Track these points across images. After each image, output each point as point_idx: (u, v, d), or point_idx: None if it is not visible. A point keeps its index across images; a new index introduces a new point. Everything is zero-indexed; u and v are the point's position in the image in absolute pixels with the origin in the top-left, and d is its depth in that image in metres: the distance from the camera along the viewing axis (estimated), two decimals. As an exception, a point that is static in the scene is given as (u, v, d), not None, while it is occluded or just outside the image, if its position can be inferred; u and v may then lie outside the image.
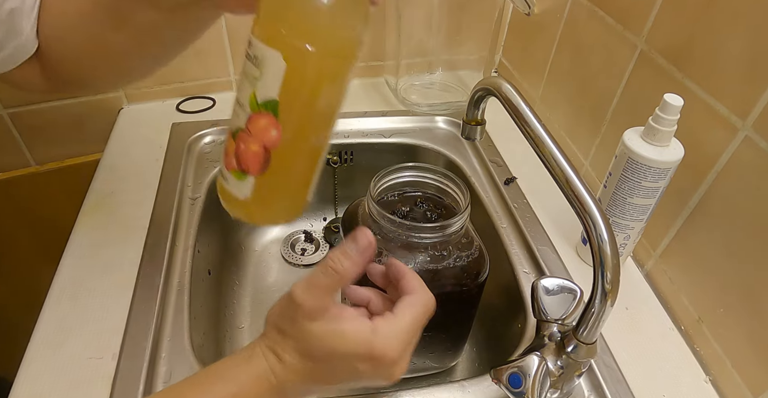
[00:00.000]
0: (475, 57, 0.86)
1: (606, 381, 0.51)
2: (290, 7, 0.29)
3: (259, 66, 0.30)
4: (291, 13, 0.29)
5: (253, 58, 0.30)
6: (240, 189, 0.34)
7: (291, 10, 0.29)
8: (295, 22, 0.29)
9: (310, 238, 0.85)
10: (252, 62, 0.30)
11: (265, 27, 0.30)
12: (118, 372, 0.48)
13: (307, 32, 0.29)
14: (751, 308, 0.48)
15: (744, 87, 0.47)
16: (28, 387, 0.47)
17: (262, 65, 0.30)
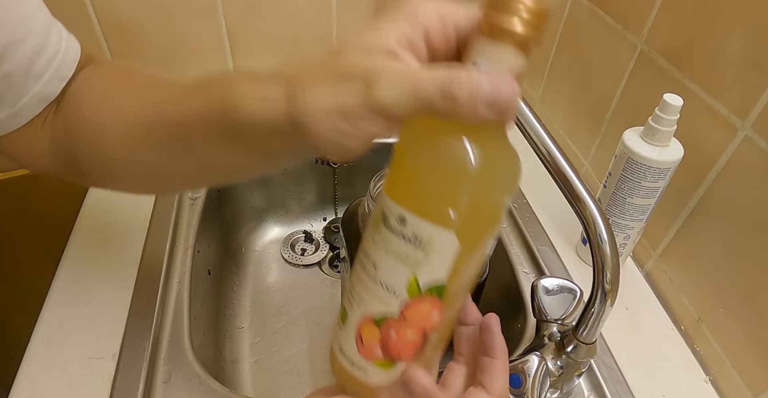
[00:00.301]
0: (475, 57, 0.86)
1: (606, 381, 0.51)
2: (461, 185, 0.25)
3: (423, 248, 0.26)
4: (463, 190, 0.25)
5: (412, 238, 0.26)
6: (383, 377, 0.29)
7: (462, 187, 0.25)
8: (470, 200, 0.25)
9: (310, 238, 0.85)
10: (410, 242, 0.26)
11: (427, 204, 0.26)
12: (118, 372, 0.48)
13: (482, 209, 0.26)
14: (751, 308, 0.48)
15: (744, 87, 0.47)
16: (28, 387, 0.47)
17: (429, 247, 0.26)
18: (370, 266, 0.28)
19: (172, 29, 0.78)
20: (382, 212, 0.27)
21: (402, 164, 0.27)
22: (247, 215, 0.83)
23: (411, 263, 0.26)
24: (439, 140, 0.25)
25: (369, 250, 0.28)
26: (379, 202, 0.28)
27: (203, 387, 0.48)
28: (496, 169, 0.26)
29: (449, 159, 0.25)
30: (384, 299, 0.28)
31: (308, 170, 0.82)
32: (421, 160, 0.26)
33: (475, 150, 0.25)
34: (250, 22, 0.81)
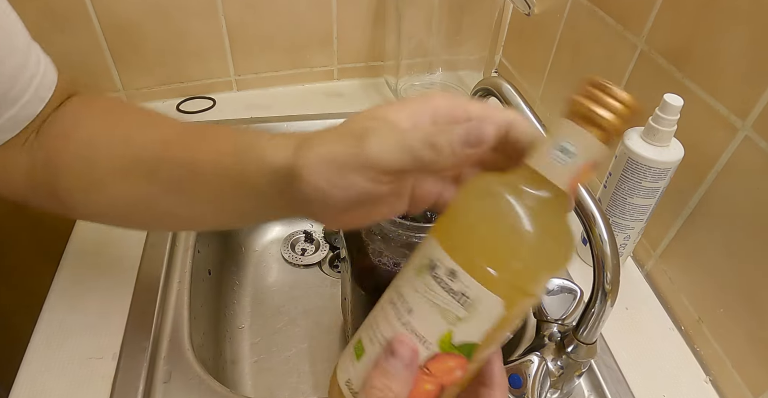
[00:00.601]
0: (475, 57, 0.86)
1: (606, 381, 0.51)
2: (522, 255, 0.25)
3: (468, 307, 0.26)
4: (522, 261, 0.25)
5: (458, 295, 0.26)
6: None
7: (522, 258, 0.25)
8: (525, 271, 0.26)
9: (310, 238, 0.85)
10: (456, 298, 0.26)
11: (483, 267, 0.25)
12: (118, 372, 0.48)
13: (532, 281, 0.26)
14: (751, 308, 0.48)
15: (744, 87, 0.47)
16: (29, 387, 0.47)
17: (473, 308, 0.26)
18: (403, 309, 0.27)
19: (172, 29, 0.78)
20: (430, 260, 0.27)
21: (464, 218, 0.27)
22: (247, 215, 0.83)
23: (451, 319, 0.26)
24: (509, 209, 0.26)
25: (406, 293, 0.28)
26: (427, 247, 0.27)
27: (203, 387, 0.48)
28: (555, 248, 0.26)
29: (517, 229, 0.25)
30: None
31: (308, 170, 0.82)
32: (486, 222, 0.26)
33: (542, 225, 0.25)
34: (250, 22, 0.81)
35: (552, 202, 0.26)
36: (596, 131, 0.25)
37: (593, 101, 0.25)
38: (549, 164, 0.25)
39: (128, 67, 0.80)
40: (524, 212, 0.25)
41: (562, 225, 0.27)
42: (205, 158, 0.35)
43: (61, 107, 0.43)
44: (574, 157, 0.25)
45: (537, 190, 0.26)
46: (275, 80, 0.89)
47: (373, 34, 0.88)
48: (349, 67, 0.91)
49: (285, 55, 0.86)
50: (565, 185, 0.26)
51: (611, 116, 0.24)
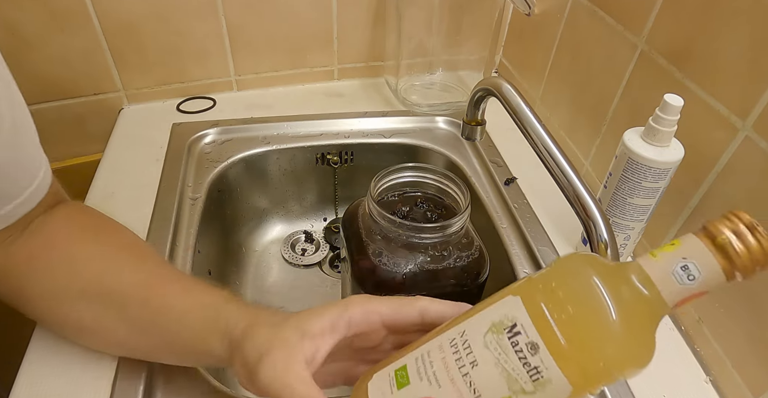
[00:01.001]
0: (475, 57, 0.86)
1: (606, 381, 0.51)
2: (606, 352, 0.25)
3: (537, 384, 0.25)
4: (605, 359, 0.25)
5: (533, 369, 0.25)
6: None
7: (606, 355, 0.25)
8: (603, 369, 0.25)
9: (311, 238, 0.85)
10: (528, 371, 0.25)
11: (568, 353, 0.25)
12: (118, 372, 0.48)
13: (603, 380, 0.26)
14: (751, 308, 0.48)
15: (744, 87, 0.47)
16: (29, 387, 0.47)
17: (542, 387, 0.25)
18: (467, 359, 0.27)
19: (172, 29, 0.78)
20: (513, 323, 0.26)
21: (561, 296, 0.26)
22: (248, 215, 0.83)
23: (515, 389, 0.25)
24: (610, 308, 0.25)
25: (474, 344, 0.27)
26: (510, 304, 0.27)
27: (203, 387, 0.48)
28: (639, 355, 0.26)
29: (612, 330, 0.25)
30: (463, 397, 0.27)
31: (308, 170, 0.82)
32: (585, 311, 0.25)
33: (637, 331, 0.25)
34: (250, 22, 0.81)
35: (653, 311, 0.25)
36: (725, 265, 0.24)
37: (739, 239, 0.24)
38: (666, 279, 0.25)
39: (128, 67, 0.80)
40: (624, 314, 0.25)
41: (651, 335, 0.26)
42: (179, 306, 0.41)
43: (52, 214, 0.45)
44: (694, 281, 0.25)
45: (645, 298, 0.25)
46: (275, 80, 0.89)
47: (373, 34, 0.88)
48: (349, 67, 0.91)
49: (285, 55, 0.86)
50: (672, 303, 0.25)
51: (748, 258, 0.24)
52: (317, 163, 0.82)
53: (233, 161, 0.76)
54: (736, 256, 0.24)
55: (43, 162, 0.44)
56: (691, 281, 0.25)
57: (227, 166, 0.75)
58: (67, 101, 0.80)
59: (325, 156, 0.81)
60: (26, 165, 0.42)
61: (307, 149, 0.80)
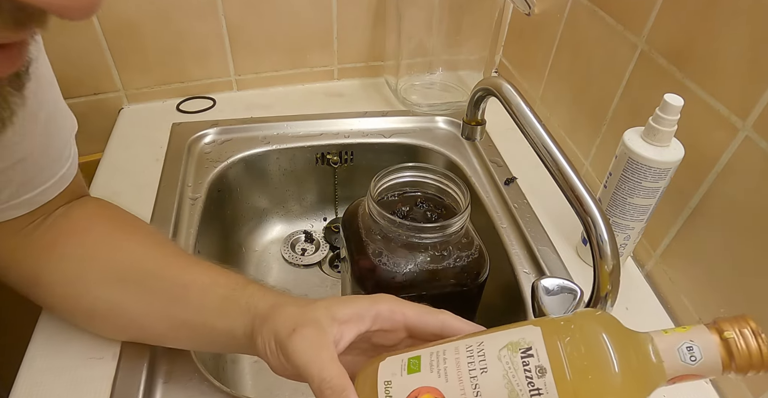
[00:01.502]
0: (475, 57, 0.86)
1: (606, 381, 0.51)
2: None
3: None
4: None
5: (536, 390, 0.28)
6: None
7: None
8: None
9: (310, 238, 0.85)
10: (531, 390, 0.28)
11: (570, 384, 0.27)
12: (118, 372, 0.48)
13: None
14: (751, 308, 0.48)
15: (744, 87, 0.47)
16: (29, 387, 0.47)
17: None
18: (479, 364, 0.29)
19: (172, 29, 0.78)
20: (529, 347, 0.29)
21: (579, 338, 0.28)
22: (248, 215, 0.83)
23: None
24: (619, 365, 0.27)
25: (489, 354, 0.29)
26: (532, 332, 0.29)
27: (203, 387, 0.48)
28: None
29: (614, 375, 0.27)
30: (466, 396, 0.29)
31: (308, 170, 0.82)
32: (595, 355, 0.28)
33: (637, 390, 0.28)
34: (250, 22, 0.81)
35: (651, 377, 0.28)
36: (725, 358, 0.27)
37: (742, 336, 0.27)
38: (671, 352, 0.28)
39: (128, 67, 0.80)
40: (625, 371, 0.27)
41: (645, 396, 0.29)
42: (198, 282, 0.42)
43: (74, 205, 0.47)
44: (695, 362, 0.27)
45: (649, 362, 0.28)
46: (275, 80, 0.89)
47: (373, 34, 0.88)
48: (349, 67, 0.91)
49: (285, 55, 0.86)
50: (670, 375, 0.28)
51: (746, 357, 0.27)
52: (317, 163, 0.82)
53: (233, 160, 0.76)
54: (737, 353, 0.27)
55: (72, 154, 0.47)
56: (692, 362, 0.27)
57: (227, 166, 0.75)
58: (67, 100, 0.79)
59: (325, 156, 0.81)
60: (54, 155, 0.44)
61: (307, 149, 0.80)
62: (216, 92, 0.87)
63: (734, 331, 0.27)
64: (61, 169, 0.45)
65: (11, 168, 0.40)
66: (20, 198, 0.42)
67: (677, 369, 0.28)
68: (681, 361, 0.28)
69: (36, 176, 0.43)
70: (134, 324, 0.45)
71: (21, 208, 0.43)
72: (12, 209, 0.43)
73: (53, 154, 0.44)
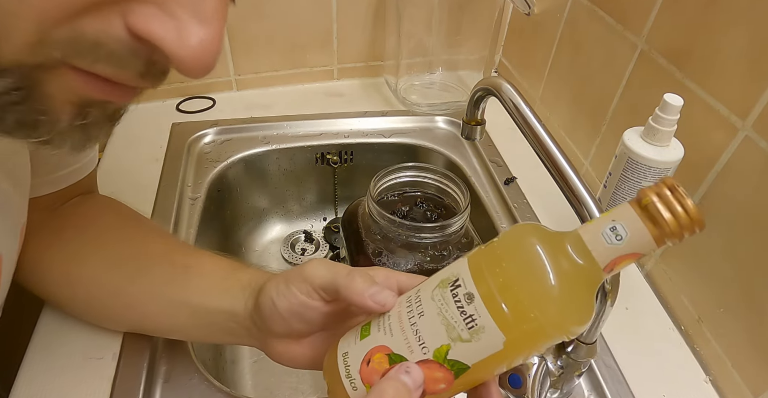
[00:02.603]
0: (475, 57, 0.86)
1: (606, 381, 0.51)
2: (539, 306, 0.26)
3: (471, 332, 0.27)
4: (537, 310, 0.26)
5: (468, 317, 0.27)
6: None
7: (539, 309, 0.26)
8: (536, 322, 0.26)
9: (310, 238, 0.85)
10: (465, 319, 0.27)
11: (499, 302, 0.26)
12: (118, 372, 0.48)
13: (539, 334, 0.27)
14: (751, 308, 0.48)
15: (744, 87, 0.47)
16: (28, 387, 0.47)
17: (476, 335, 0.27)
18: (416, 310, 0.29)
19: (172, 29, 0.78)
20: (457, 277, 0.28)
21: (500, 254, 0.28)
22: (248, 214, 0.83)
23: (453, 336, 0.27)
24: (544, 262, 0.27)
25: (424, 298, 0.29)
26: (459, 265, 0.29)
27: (203, 387, 0.48)
28: (572, 313, 0.27)
29: (544, 282, 0.26)
30: (411, 345, 0.29)
31: (308, 169, 0.82)
32: (518, 265, 0.27)
33: (569, 289, 0.27)
34: (250, 22, 0.80)
35: (586, 272, 0.27)
36: (652, 228, 0.25)
37: (661, 200, 0.25)
38: (596, 239, 0.27)
39: (128, 67, 0.80)
40: (557, 270, 0.26)
41: (587, 297, 0.28)
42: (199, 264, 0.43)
43: (88, 197, 0.51)
44: (621, 241, 0.26)
45: (577, 256, 0.27)
46: (275, 80, 0.89)
47: (373, 34, 0.87)
48: (349, 66, 0.91)
49: (285, 55, 0.86)
50: (603, 263, 0.27)
51: (671, 220, 0.25)
52: (317, 163, 0.82)
53: (233, 160, 0.76)
54: (661, 217, 0.25)
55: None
56: (619, 241, 0.26)
57: (227, 166, 0.75)
58: (67, 100, 0.80)
59: (324, 156, 0.81)
60: None
61: (307, 149, 0.80)
62: (216, 92, 0.87)
63: (652, 196, 0.25)
64: (86, 156, 0.49)
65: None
66: (54, 174, 0.46)
67: (608, 254, 0.26)
68: (608, 244, 0.26)
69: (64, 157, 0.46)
70: (132, 309, 0.45)
71: (52, 185, 0.46)
72: (46, 184, 0.46)
73: None
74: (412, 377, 0.28)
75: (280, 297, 0.36)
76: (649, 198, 0.25)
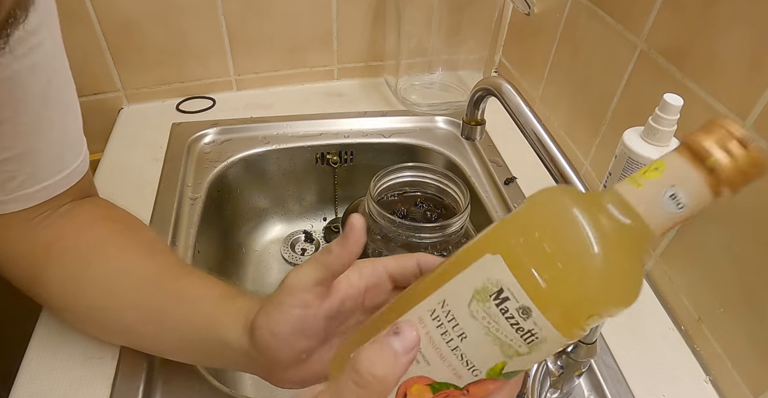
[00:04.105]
0: (475, 57, 0.86)
1: (606, 381, 0.51)
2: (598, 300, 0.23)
3: (531, 345, 0.24)
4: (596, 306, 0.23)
5: (527, 333, 0.23)
6: None
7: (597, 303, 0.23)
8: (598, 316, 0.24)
9: (310, 238, 0.85)
10: (522, 336, 0.24)
11: (560, 310, 0.23)
12: (118, 372, 0.48)
13: (599, 319, 0.24)
14: (751, 308, 0.48)
15: (744, 87, 0.47)
16: (28, 387, 0.47)
17: (537, 347, 0.24)
18: (454, 332, 0.25)
19: (172, 29, 0.78)
20: (499, 289, 0.24)
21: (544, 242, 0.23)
22: (248, 215, 0.83)
23: (509, 353, 0.24)
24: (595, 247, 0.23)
25: (460, 316, 0.25)
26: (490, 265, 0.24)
27: (203, 387, 0.48)
28: (627, 294, 0.24)
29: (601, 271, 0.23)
30: (457, 371, 0.25)
31: (308, 170, 0.82)
32: (570, 257, 0.23)
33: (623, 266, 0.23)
34: (250, 22, 0.81)
35: (638, 243, 0.23)
36: (717, 188, 0.22)
37: (727, 152, 0.21)
38: (654, 209, 0.23)
39: (128, 67, 0.80)
40: (610, 250, 0.23)
41: (639, 269, 0.24)
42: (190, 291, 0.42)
43: (81, 203, 0.48)
44: (683, 209, 0.22)
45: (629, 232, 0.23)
46: (275, 80, 0.89)
47: (373, 34, 0.88)
48: (349, 66, 0.91)
49: (285, 55, 0.86)
50: (659, 232, 0.23)
51: (742, 178, 0.21)
52: (317, 163, 0.82)
53: (233, 160, 0.76)
54: (729, 176, 0.21)
55: (83, 152, 0.48)
56: (681, 209, 0.22)
57: (227, 166, 0.75)
58: (67, 100, 0.80)
59: (324, 156, 0.81)
60: (64, 150, 0.45)
61: (307, 149, 0.80)
62: (216, 92, 0.87)
63: (717, 152, 0.21)
64: (71, 165, 0.46)
65: (21, 157, 0.41)
66: (24, 191, 0.43)
67: (666, 223, 0.23)
68: (668, 213, 0.23)
69: (44, 169, 0.43)
70: (128, 329, 0.44)
71: (24, 201, 0.43)
72: (16, 201, 0.43)
73: (64, 149, 0.45)
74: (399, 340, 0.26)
75: (276, 324, 0.34)
76: (715, 160, 0.21)
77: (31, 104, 0.40)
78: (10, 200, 0.43)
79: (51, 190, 0.45)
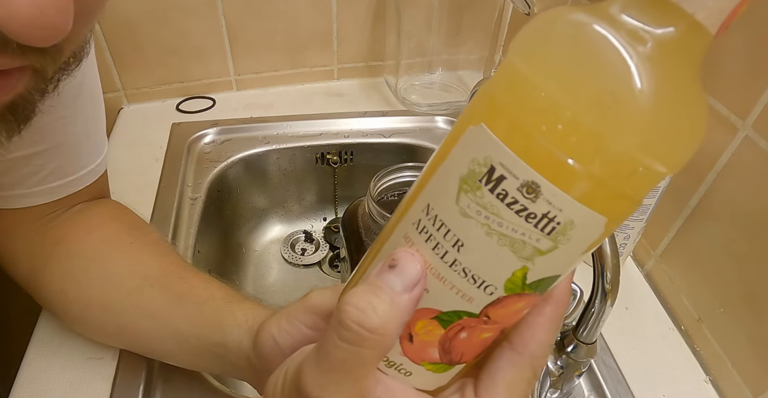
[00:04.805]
0: (475, 57, 0.86)
1: (606, 381, 0.51)
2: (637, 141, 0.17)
3: (555, 235, 0.17)
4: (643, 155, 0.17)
5: (541, 220, 0.17)
6: (431, 381, 0.22)
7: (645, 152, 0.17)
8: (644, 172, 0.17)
9: (310, 238, 0.85)
10: (537, 224, 0.17)
11: (580, 173, 0.16)
12: (118, 372, 0.48)
13: (645, 187, 0.18)
14: (751, 308, 0.48)
15: (744, 87, 0.47)
16: (28, 387, 0.47)
17: (563, 235, 0.17)
18: (447, 243, 0.19)
19: (171, 29, 0.78)
20: (489, 168, 0.17)
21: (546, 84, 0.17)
22: (247, 215, 0.83)
23: (526, 253, 0.18)
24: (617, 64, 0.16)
25: (448, 219, 0.18)
26: (476, 143, 0.17)
27: (203, 387, 0.48)
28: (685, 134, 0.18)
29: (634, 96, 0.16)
30: (464, 293, 0.19)
31: (308, 170, 0.82)
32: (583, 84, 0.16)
33: (671, 91, 0.17)
34: (250, 22, 0.81)
35: (690, 55, 0.17)
36: None
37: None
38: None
39: (128, 67, 0.80)
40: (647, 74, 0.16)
41: (697, 92, 0.18)
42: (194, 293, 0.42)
43: (94, 203, 0.48)
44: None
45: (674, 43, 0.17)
46: (275, 80, 0.89)
47: (373, 34, 0.88)
48: (349, 66, 0.91)
49: (285, 55, 0.86)
50: (715, 27, 0.17)
51: None
52: (317, 163, 0.82)
53: (233, 160, 0.76)
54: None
55: (105, 151, 0.48)
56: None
57: (227, 166, 0.75)
58: (67, 100, 0.80)
59: (324, 156, 0.81)
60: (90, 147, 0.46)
61: (307, 149, 0.80)
62: (216, 92, 0.87)
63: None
64: (94, 162, 0.47)
65: (49, 151, 0.41)
66: (46, 185, 0.43)
67: (721, 10, 0.17)
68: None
69: (69, 164, 0.44)
70: (126, 330, 0.44)
71: (45, 196, 0.44)
72: (36, 195, 0.43)
73: (90, 145, 0.46)
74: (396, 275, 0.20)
75: (283, 335, 0.32)
76: None
77: (65, 99, 0.41)
78: (32, 194, 0.43)
79: (72, 185, 0.45)
